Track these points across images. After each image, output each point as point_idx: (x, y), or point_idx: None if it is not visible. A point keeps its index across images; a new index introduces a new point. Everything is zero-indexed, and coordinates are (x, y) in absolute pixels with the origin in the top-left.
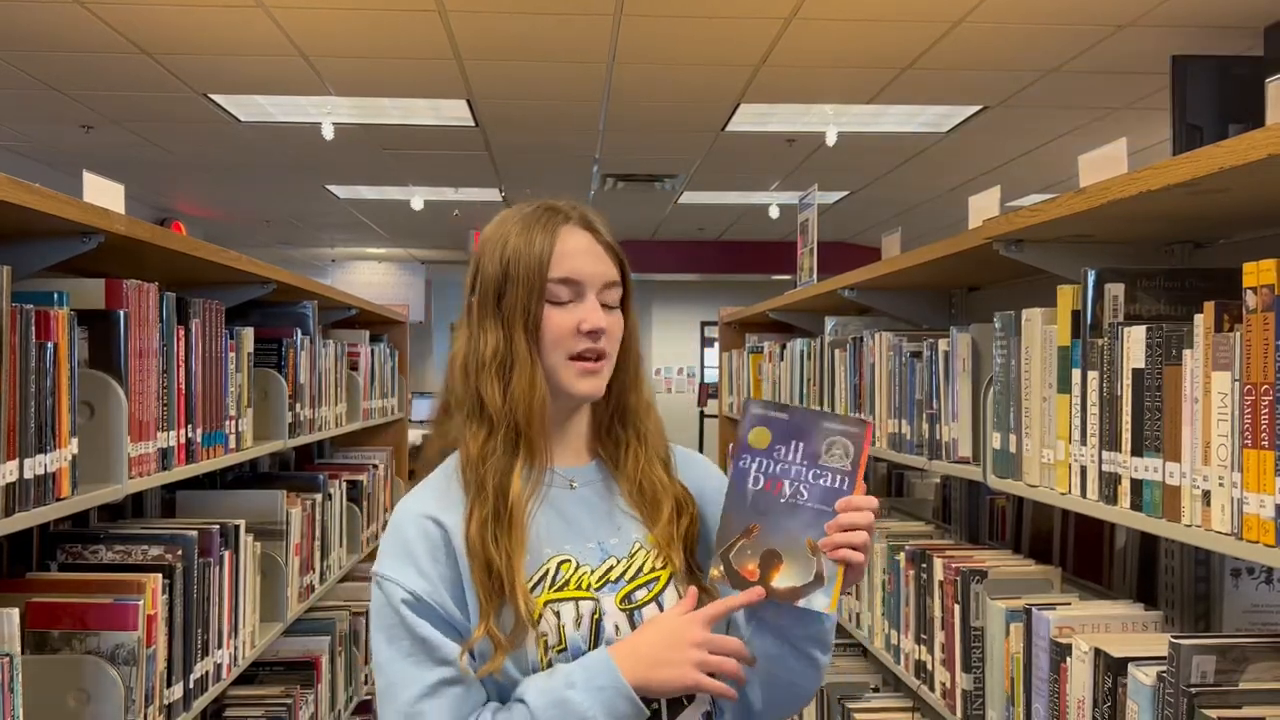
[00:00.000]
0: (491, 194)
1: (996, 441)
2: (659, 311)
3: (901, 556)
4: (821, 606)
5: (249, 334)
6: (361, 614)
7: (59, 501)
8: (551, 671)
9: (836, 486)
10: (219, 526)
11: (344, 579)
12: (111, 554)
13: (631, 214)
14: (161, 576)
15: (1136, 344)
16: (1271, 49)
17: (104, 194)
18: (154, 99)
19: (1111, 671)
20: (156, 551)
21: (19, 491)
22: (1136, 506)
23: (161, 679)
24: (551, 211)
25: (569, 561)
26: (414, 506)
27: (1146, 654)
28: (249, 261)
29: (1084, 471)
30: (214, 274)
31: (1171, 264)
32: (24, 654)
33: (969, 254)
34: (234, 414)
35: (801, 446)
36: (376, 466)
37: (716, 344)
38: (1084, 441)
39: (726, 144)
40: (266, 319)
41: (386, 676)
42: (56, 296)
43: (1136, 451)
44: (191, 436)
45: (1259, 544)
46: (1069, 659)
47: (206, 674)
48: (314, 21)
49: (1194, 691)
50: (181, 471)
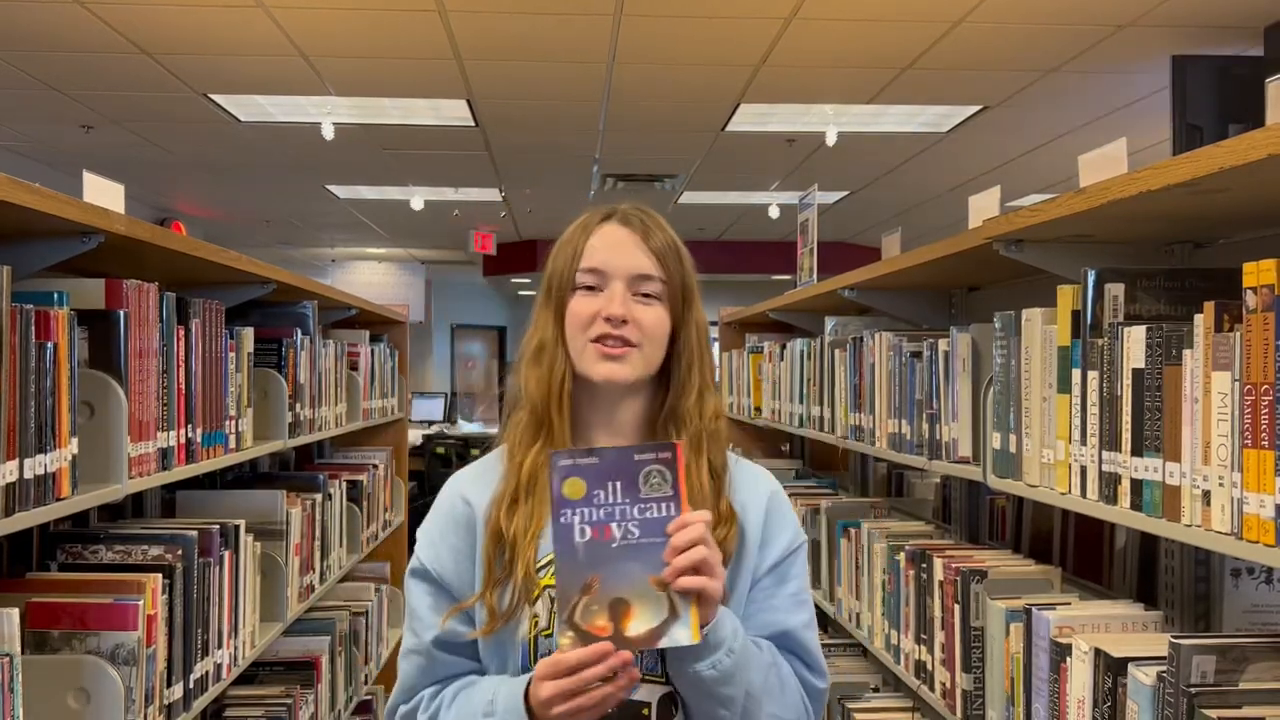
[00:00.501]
0: (491, 194)
1: (996, 441)
2: None
3: (901, 556)
4: (685, 640)
5: (249, 334)
6: (361, 614)
7: (59, 501)
8: (481, 687)
9: (664, 515)
10: (219, 526)
11: (344, 579)
12: (111, 554)
13: None
14: (161, 576)
15: (1136, 344)
16: (1271, 49)
17: (104, 194)
18: (154, 99)
19: (1111, 671)
20: (156, 551)
21: (19, 491)
22: (1136, 506)
23: (161, 679)
24: (602, 211)
25: None
26: (452, 484)
27: (1146, 654)
28: (249, 261)
29: (1084, 471)
30: (214, 274)
31: (1171, 264)
32: (24, 654)
33: (969, 254)
34: (234, 414)
35: (619, 485)
36: (376, 466)
37: (716, 344)
38: (1084, 441)
39: (726, 144)
40: (266, 319)
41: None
42: (56, 296)
43: (1136, 451)
44: (191, 436)
45: (1259, 544)
46: (1069, 659)
47: (206, 674)
48: (314, 21)
49: (1194, 691)
50: (181, 471)
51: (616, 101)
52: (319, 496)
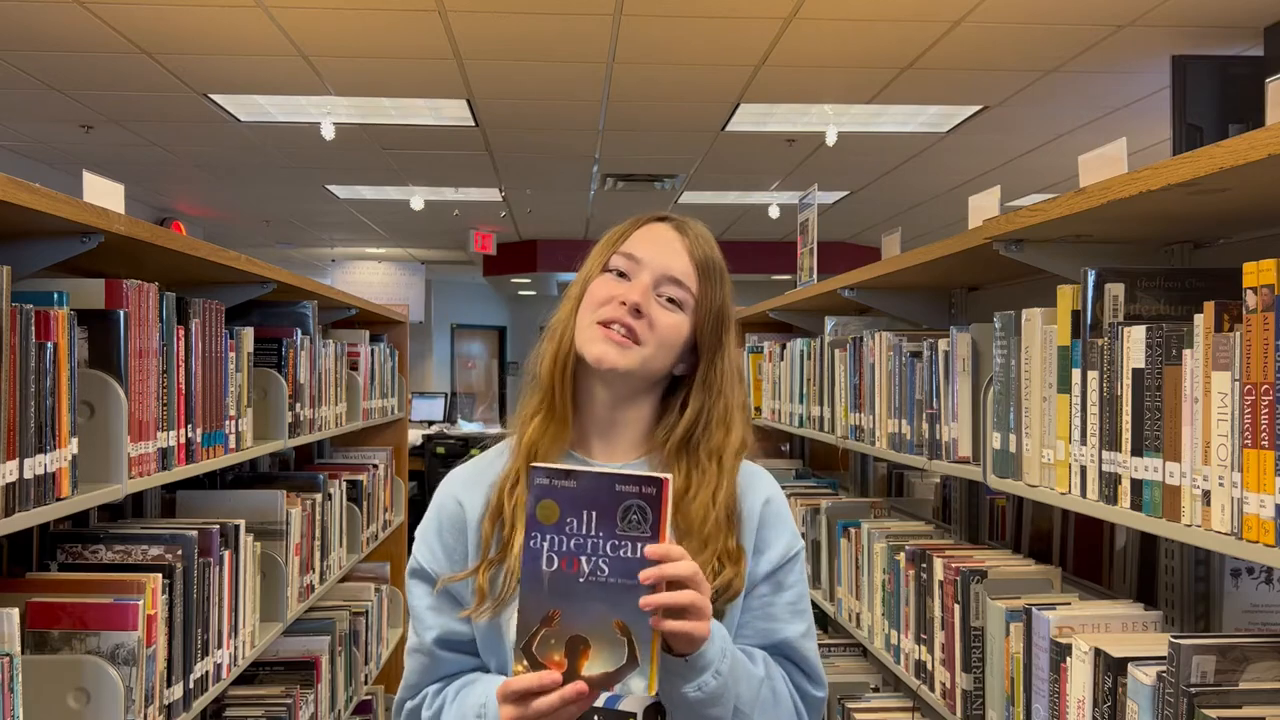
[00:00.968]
0: (491, 194)
1: (996, 441)
2: None
3: (901, 556)
4: (640, 691)
5: (249, 334)
6: (361, 614)
7: (59, 501)
8: (476, 690)
9: (638, 558)
10: (219, 526)
11: (344, 579)
12: (111, 554)
13: (631, 214)
14: (161, 576)
15: (1136, 344)
16: (1271, 49)
17: (104, 194)
18: (154, 99)
19: (1111, 671)
20: (156, 551)
21: (19, 491)
22: (1136, 506)
23: (161, 679)
24: (659, 214)
25: None
26: (446, 484)
27: (1146, 654)
28: (249, 261)
29: (1084, 471)
30: (214, 274)
31: (1171, 264)
32: (24, 654)
33: (969, 254)
34: (234, 414)
35: (594, 516)
36: (376, 466)
37: None
38: (1084, 441)
39: (726, 144)
40: (266, 319)
41: None
42: (56, 296)
43: (1136, 451)
44: (191, 436)
45: (1259, 544)
46: (1069, 659)
47: (206, 674)
48: (314, 21)
49: (1194, 691)
50: (181, 471)
51: (616, 101)
52: (319, 496)
